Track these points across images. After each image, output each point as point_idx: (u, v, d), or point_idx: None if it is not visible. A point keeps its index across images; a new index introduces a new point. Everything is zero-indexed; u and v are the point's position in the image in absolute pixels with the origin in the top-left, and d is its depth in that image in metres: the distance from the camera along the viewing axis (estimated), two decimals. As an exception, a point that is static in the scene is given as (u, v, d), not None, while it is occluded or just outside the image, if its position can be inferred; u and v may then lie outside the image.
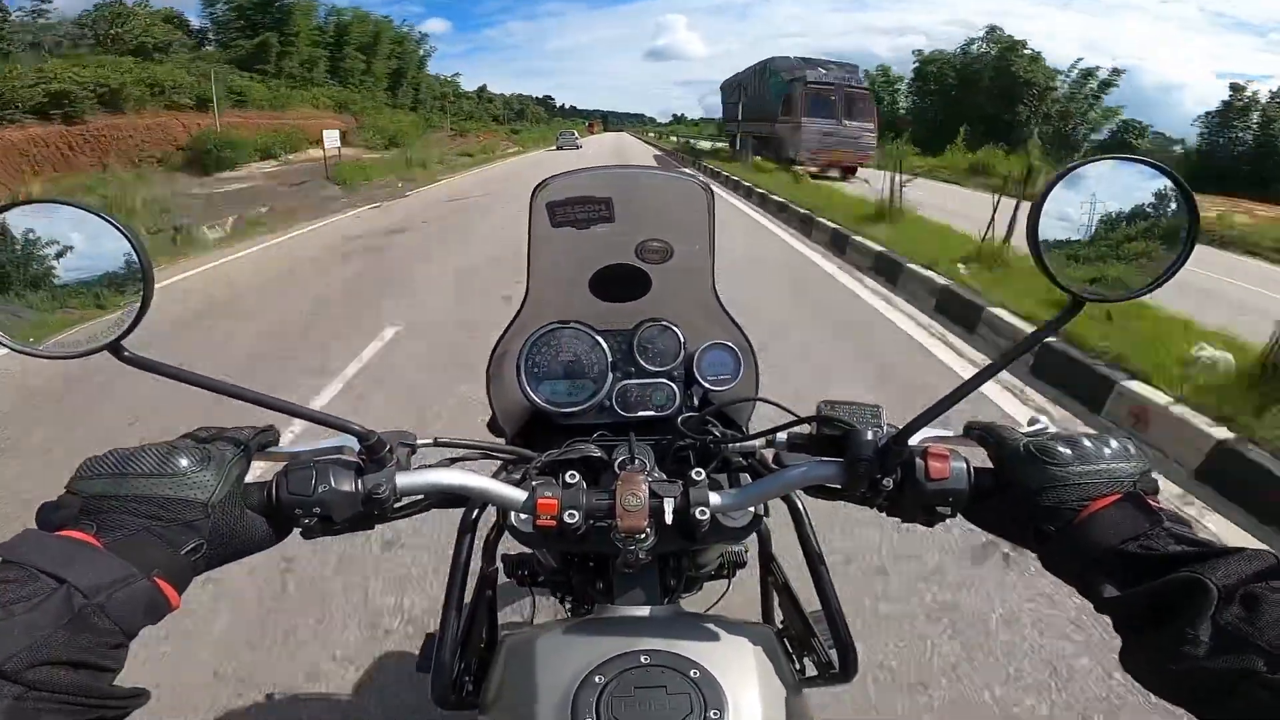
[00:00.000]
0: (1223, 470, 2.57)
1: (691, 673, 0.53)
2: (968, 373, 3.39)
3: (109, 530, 0.44)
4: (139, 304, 0.47)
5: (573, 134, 49.24)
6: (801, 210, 9.51)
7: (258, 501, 0.51)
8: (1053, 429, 0.58)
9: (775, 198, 11.18)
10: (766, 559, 0.92)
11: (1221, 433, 2.66)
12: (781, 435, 0.66)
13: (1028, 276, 4.55)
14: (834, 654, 0.72)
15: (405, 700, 1.59)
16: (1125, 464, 0.50)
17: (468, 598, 0.80)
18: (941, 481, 0.53)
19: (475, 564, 0.82)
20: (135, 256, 0.46)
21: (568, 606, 0.97)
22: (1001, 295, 4.55)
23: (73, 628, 0.37)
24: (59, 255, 0.47)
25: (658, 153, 34.73)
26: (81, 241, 0.46)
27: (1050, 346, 3.61)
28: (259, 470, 0.54)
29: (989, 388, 3.32)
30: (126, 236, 0.45)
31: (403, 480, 0.55)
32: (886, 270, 6.05)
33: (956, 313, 4.75)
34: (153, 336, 3.76)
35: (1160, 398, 3.00)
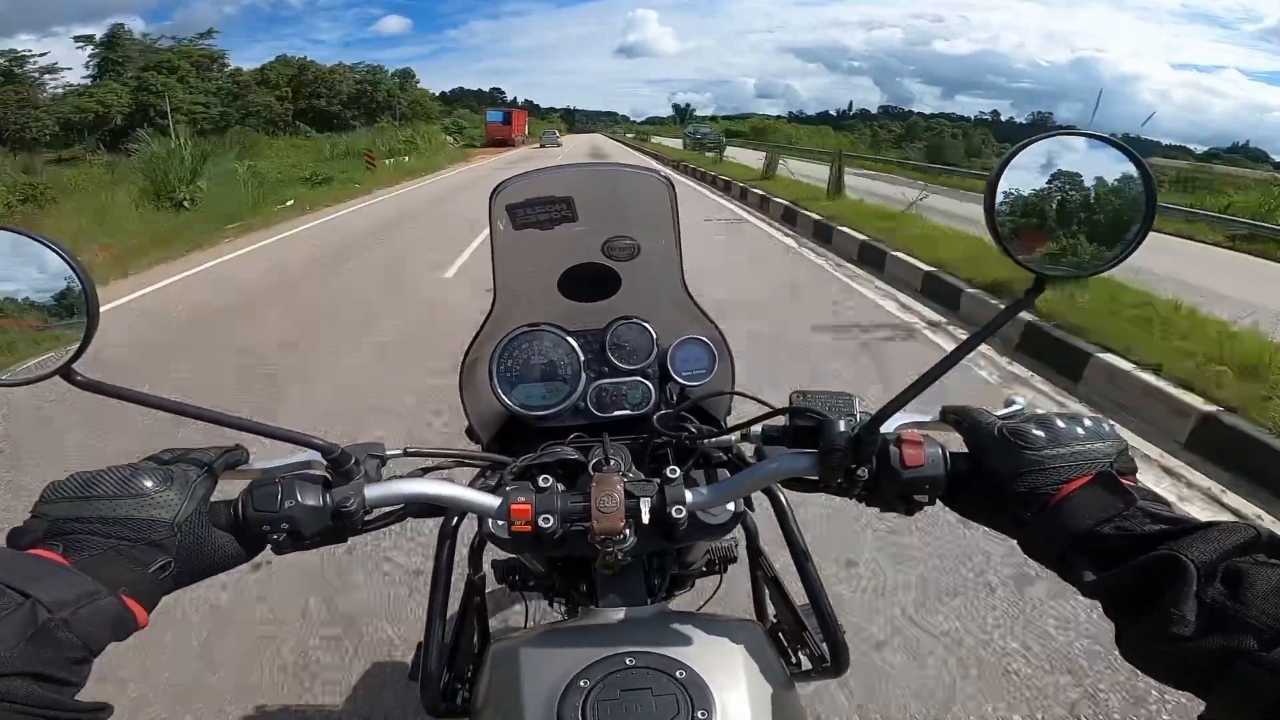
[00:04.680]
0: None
1: (678, 673, 0.52)
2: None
3: (76, 550, 0.44)
4: (85, 327, 0.46)
5: (554, 133, 49.67)
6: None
7: (225, 520, 0.51)
8: (1028, 410, 0.58)
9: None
10: (754, 554, 0.92)
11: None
12: (757, 428, 0.66)
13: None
14: (825, 647, 0.72)
15: (399, 710, 1.58)
16: (1099, 444, 0.50)
17: (455, 605, 0.80)
18: (917, 469, 0.53)
19: (463, 571, 0.82)
20: (77, 280, 0.45)
21: (559, 609, 0.97)
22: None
23: (36, 642, 0.38)
24: None
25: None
26: (20, 266, 0.45)
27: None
28: (228, 489, 0.54)
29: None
30: (66, 260, 0.44)
31: (371, 492, 0.55)
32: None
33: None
34: None
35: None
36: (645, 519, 0.56)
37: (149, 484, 0.47)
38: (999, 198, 0.45)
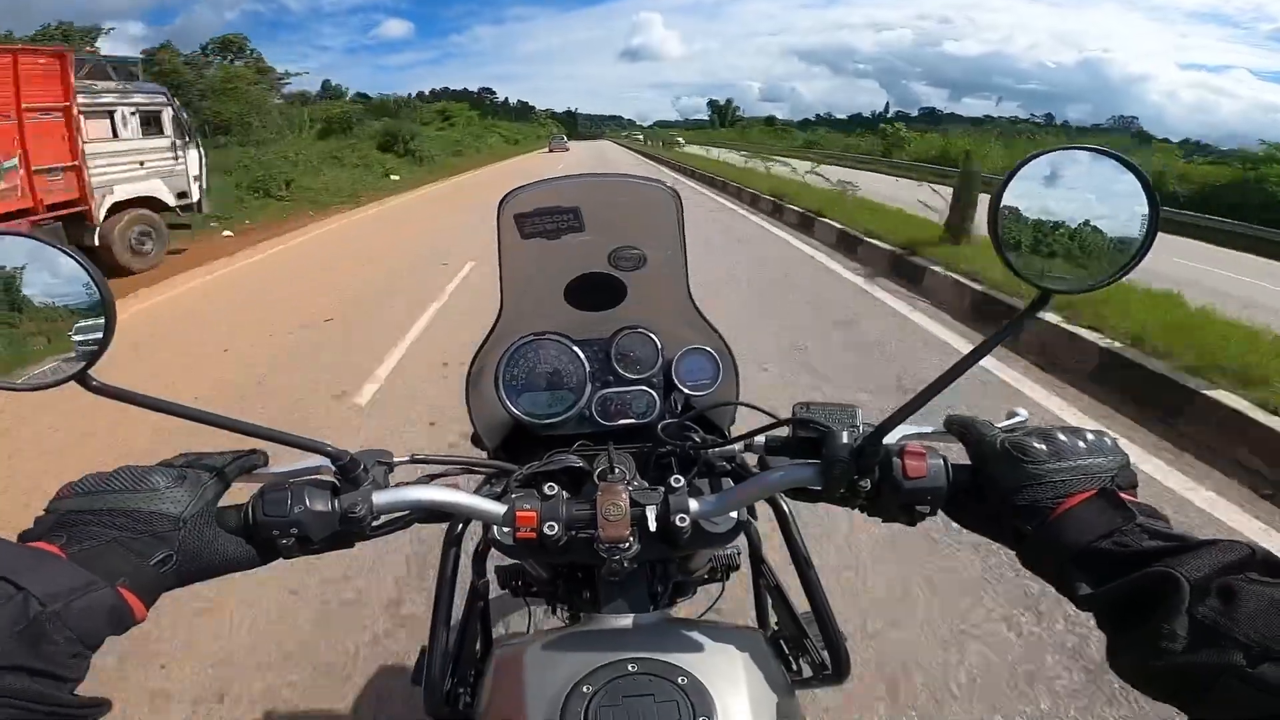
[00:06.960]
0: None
1: (679, 680, 0.53)
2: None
3: (77, 541, 0.44)
4: (101, 334, 0.47)
5: (563, 138, 50.53)
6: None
7: (235, 523, 0.52)
8: (1030, 422, 0.58)
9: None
10: (757, 562, 0.92)
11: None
12: (761, 439, 0.66)
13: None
14: (826, 655, 0.72)
15: (403, 713, 1.58)
16: (1101, 459, 0.50)
17: (459, 610, 0.80)
18: (919, 480, 0.53)
19: (466, 576, 0.82)
20: (94, 287, 0.46)
21: (562, 616, 0.97)
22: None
23: (29, 635, 0.38)
24: (15, 287, 0.46)
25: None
26: (37, 273, 0.46)
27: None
28: (240, 493, 0.55)
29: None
30: (83, 266, 0.45)
31: (379, 499, 0.55)
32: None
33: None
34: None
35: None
36: (651, 527, 0.56)
37: (160, 481, 0.48)
38: (1003, 210, 0.45)
